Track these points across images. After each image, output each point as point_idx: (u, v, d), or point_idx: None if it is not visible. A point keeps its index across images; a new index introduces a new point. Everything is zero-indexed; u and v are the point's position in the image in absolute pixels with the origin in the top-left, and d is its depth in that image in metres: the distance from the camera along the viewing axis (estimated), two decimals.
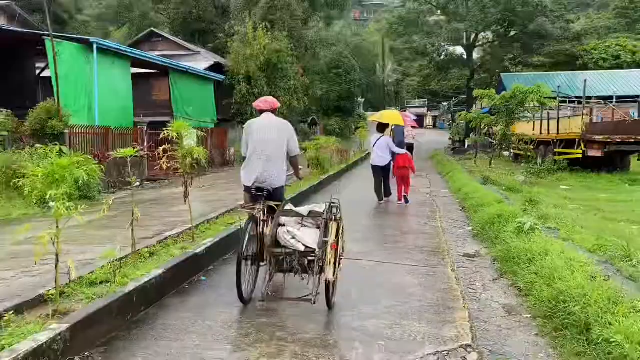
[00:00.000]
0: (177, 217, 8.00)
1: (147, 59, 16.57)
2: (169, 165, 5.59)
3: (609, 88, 27.09)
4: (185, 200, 5.68)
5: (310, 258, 4.17)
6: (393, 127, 12.07)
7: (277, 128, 5.09)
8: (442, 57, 34.24)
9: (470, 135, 32.67)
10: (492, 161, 17.78)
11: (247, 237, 4.30)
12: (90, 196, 11.71)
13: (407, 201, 10.38)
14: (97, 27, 56.52)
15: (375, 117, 12.71)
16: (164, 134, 5.51)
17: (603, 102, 17.40)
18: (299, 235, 4.27)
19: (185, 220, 7.56)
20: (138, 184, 15.61)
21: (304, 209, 4.59)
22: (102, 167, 4.36)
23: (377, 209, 9.94)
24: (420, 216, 9.01)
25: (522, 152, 19.81)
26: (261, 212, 4.62)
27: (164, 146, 5.55)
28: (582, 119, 14.82)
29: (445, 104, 74.99)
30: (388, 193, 10.61)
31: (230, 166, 20.89)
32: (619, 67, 31.80)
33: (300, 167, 5.87)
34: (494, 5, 28.27)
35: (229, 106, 25.40)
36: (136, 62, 17.36)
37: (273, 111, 5.28)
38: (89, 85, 13.99)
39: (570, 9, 31.28)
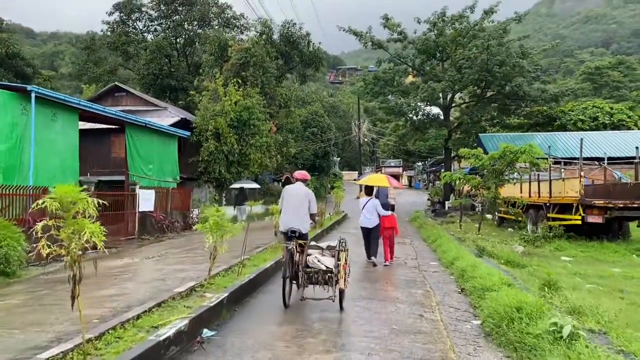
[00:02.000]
0: (97, 308, 6.06)
1: (98, 112, 14.83)
2: (49, 250, 3.73)
3: (588, 149, 26.45)
4: (72, 304, 3.75)
5: (329, 275, 6.43)
6: (377, 188, 12.51)
7: (304, 194, 7.53)
8: (418, 117, 33.57)
9: (451, 197, 31.49)
10: (480, 226, 16.25)
11: (287, 264, 6.51)
12: (9, 272, 9.62)
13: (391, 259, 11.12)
14: (67, 84, 55.32)
15: (363, 180, 13.93)
16: (36, 204, 3.68)
17: (597, 163, 16.31)
18: (322, 259, 6.61)
19: (105, 315, 5.65)
20: (80, 252, 13.47)
21: (323, 244, 7.04)
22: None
23: (360, 289, 8.08)
24: (413, 302, 7.17)
25: (508, 216, 18.42)
26: (294, 247, 6.77)
27: (43, 221, 3.70)
28: (580, 181, 13.50)
29: (419, 164, 74.98)
30: (374, 253, 10.98)
31: (192, 231, 18.76)
32: (597, 128, 31.61)
33: (317, 217, 9.56)
34: (470, 65, 27.89)
35: (195, 164, 23.71)
36: (89, 116, 15.68)
37: (304, 181, 7.80)
38: (25, 140, 12.11)
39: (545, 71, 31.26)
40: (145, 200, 17.11)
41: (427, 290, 8.04)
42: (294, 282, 6.79)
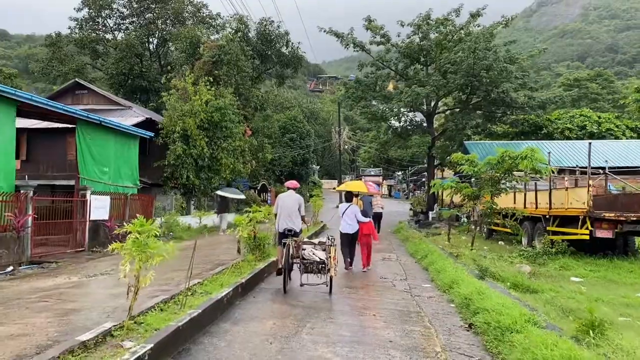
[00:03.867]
0: None
1: (42, 105, 12.83)
2: None
3: (583, 157, 25.34)
4: None
5: (322, 265, 8.15)
6: (361, 197, 12.78)
7: (295, 200, 9.63)
8: (401, 123, 32.17)
9: (435, 207, 30.08)
10: (473, 240, 14.69)
11: (285, 257, 8.22)
12: None
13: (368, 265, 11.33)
14: (42, 87, 52.30)
15: (342, 187, 14.04)
16: None
17: (601, 172, 15.01)
18: (316, 252, 8.34)
19: None
20: (11, 268, 11.48)
21: (315, 241, 8.94)
22: None
23: (341, 327, 6.35)
24: (410, 347, 5.44)
25: (498, 228, 16.97)
26: (291, 243, 8.35)
27: None
28: (588, 191, 12.05)
29: (399, 173, 73.88)
30: (352, 259, 11.15)
31: None
32: (584, 137, 30.67)
33: (307, 219, 11.28)
34: (455, 70, 26.58)
35: (161, 169, 21.71)
36: (37, 112, 13.71)
37: (294, 189, 10.07)
38: None
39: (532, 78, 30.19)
40: (99, 208, 15.12)
41: (426, 327, 6.32)
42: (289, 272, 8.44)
